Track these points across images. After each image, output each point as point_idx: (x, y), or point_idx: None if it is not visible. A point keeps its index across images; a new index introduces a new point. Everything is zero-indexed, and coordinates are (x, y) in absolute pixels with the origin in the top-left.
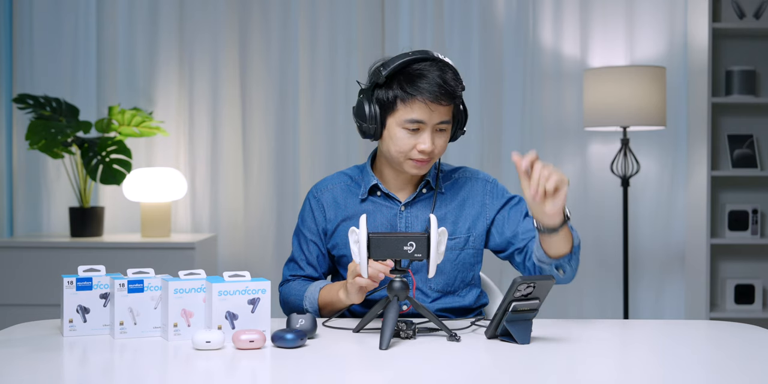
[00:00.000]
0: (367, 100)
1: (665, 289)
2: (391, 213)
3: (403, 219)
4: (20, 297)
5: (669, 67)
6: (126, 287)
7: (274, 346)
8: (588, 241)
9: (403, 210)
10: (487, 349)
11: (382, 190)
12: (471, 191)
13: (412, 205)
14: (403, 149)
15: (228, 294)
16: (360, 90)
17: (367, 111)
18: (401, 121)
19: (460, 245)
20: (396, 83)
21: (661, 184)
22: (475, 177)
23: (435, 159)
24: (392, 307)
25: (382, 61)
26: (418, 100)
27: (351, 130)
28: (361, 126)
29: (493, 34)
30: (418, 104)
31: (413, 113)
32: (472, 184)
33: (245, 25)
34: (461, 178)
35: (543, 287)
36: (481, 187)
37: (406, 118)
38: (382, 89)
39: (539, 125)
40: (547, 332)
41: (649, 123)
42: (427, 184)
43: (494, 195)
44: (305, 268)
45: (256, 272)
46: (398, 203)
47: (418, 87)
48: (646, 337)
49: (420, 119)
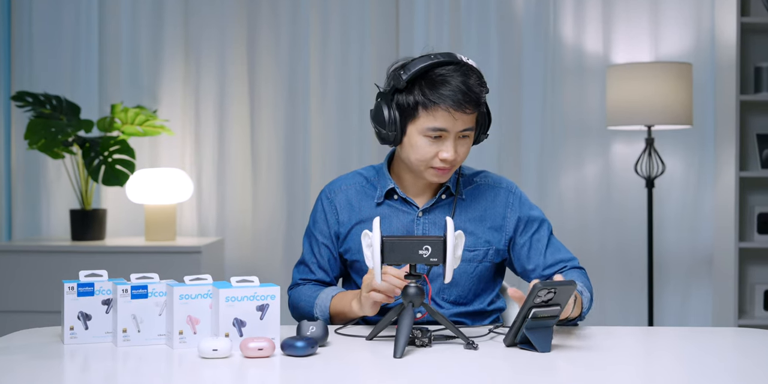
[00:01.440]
0: (386, 105)
1: (691, 295)
2: (407, 219)
3: (421, 225)
4: (19, 303)
5: (696, 64)
6: (129, 293)
7: (283, 355)
8: (611, 245)
9: (420, 216)
10: (505, 358)
11: (399, 194)
12: (493, 202)
13: (431, 212)
14: (425, 158)
15: (235, 300)
16: (378, 93)
17: (386, 116)
18: (423, 129)
19: (479, 258)
20: (417, 88)
21: (687, 185)
22: (497, 185)
23: (457, 166)
24: (407, 313)
25: (402, 62)
26: (441, 107)
27: (364, 130)
28: (380, 132)
29: (511, 28)
30: (441, 112)
31: (436, 121)
32: (495, 193)
33: (254, 20)
34: (483, 183)
35: (564, 293)
36: (503, 198)
37: (428, 126)
38: (402, 94)
39: (560, 124)
40: (568, 340)
41: (674, 122)
42: (446, 189)
43: (516, 209)
44: (316, 272)
45: (265, 277)
46: (416, 209)
47: (441, 94)
48: (671, 344)
49: (443, 127)
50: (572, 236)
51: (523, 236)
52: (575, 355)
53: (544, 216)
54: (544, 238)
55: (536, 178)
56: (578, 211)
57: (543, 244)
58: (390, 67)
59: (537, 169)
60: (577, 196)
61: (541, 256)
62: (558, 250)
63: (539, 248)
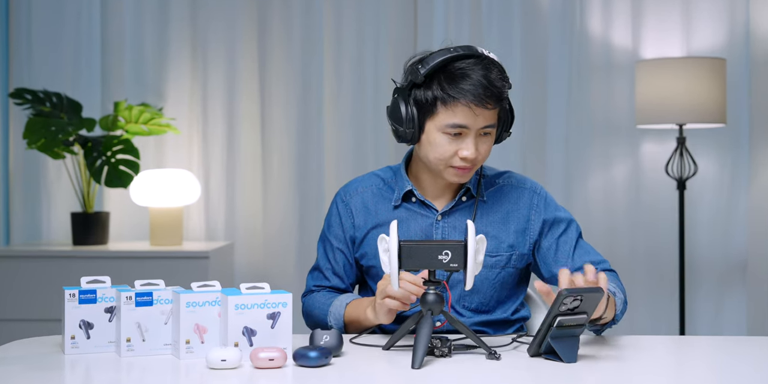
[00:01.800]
0: (403, 101)
1: (725, 303)
2: (426, 222)
3: (440, 229)
4: (17, 311)
5: (729, 59)
6: (133, 300)
7: (295, 365)
8: (640, 250)
9: (439, 219)
10: (529, 368)
11: (417, 196)
12: (517, 203)
13: (450, 215)
14: (444, 156)
15: (245, 308)
16: (395, 89)
17: (403, 113)
18: (442, 126)
19: (501, 264)
20: (436, 83)
21: (720, 187)
22: (521, 186)
23: (478, 166)
24: (425, 322)
25: (420, 56)
26: (461, 103)
27: (380, 129)
28: (397, 130)
29: (536, 22)
30: (461, 108)
31: (455, 117)
32: (519, 194)
33: (264, 13)
34: (506, 184)
35: (591, 300)
36: (527, 199)
37: (447, 123)
38: (420, 89)
39: (587, 122)
40: (595, 349)
41: (707, 120)
42: (467, 191)
43: (541, 210)
44: (331, 279)
45: (277, 284)
46: (435, 212)
47: (461, 88)
48: (704, 355)
49: (463, 124)
50: (600, 240)
51: (549, 238)
52: (602, 365)
53: (572, 217)
54: (572, 240)
55: (562, 179)
56: (606, 214)
57: (570, 246)
58: (407, 61)
59: (563, 169)
60: (604, 198)
61: (569, 258)
62: (587, 253)
63: (566, 250)
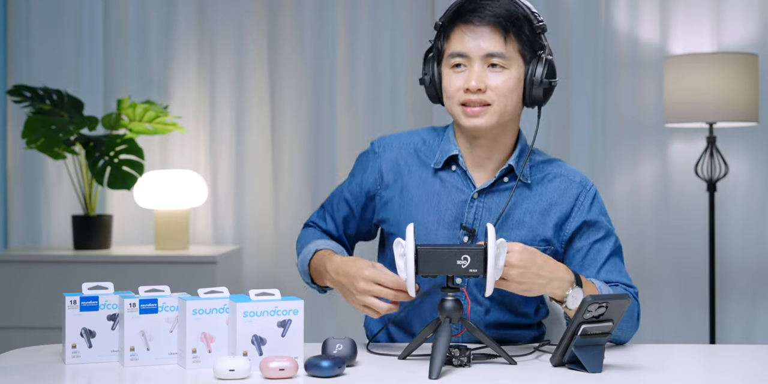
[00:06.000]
0: (425, 60)
1: (758, 310)
2: (460, 198)
3: (473, 210)
4: (16, 319)
5: (762, 54)
6: (137, 307)
7: (307, 375)
8: (669, 254)
9: (475, 197)
10: (552, 379)
11: (460, 165)
12: (562, 196)
13: (488, 194)
14: (451, 93)
15: (255, 315)
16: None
17: (424, 70)
18: (447, 62)
19: None
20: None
21: (752, 188)
22: (571, 178)
23: (496, 107)
24: (443, 330)
25: None
26: (456, 29)
27: (397, 127)
28: (427, 91)
29: (559, 16)
30: (456, 34)
31: (452, 47)
32: (566, 186)
33: (274, 6)
34: (553, 173)
35: (617, 308)
36: (574, 193)
37: (447, 55)
38: (439, 40)
39: (612, 121)
40: (621, 359)
41: (739, 118)
42: (510, 171)
43: (585, 209)
44: (327, 222)
45: (287, 290)
46: (473, 187)
47: (459, 14)
48: (736, 364)
49: (461, 52)
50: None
51: (582, 240)
52: (629, 376)
53: (614, 230)
54: (606, 250)
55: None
56: (633, 217)
57: (603, 257)
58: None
59: (587, 170)
60: (631, 199)
61: (596, 269)
62: (618, 272)
63: (596, 260)
